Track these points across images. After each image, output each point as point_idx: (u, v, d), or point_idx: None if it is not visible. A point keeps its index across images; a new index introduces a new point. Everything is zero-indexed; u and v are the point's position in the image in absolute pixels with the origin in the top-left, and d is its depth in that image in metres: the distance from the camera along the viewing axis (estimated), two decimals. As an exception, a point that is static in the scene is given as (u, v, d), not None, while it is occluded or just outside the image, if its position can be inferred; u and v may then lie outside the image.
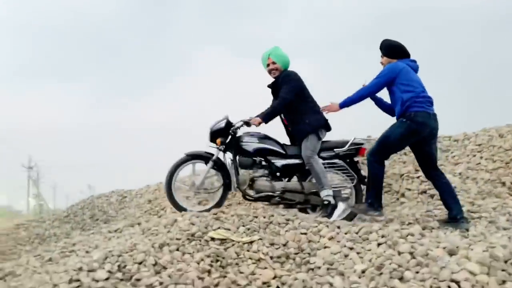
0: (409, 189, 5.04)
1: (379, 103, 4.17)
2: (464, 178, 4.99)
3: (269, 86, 4.35)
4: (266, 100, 4.41)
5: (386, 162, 4.11)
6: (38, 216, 8.86)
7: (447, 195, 3.78)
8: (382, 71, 3.90)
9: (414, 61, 4.00)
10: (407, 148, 5.90)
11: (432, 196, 4.78)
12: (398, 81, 3.78)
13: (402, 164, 5.56)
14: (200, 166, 4.33)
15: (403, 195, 5.05)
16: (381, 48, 4.02)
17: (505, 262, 2.62)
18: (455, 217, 3.68)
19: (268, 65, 4.19)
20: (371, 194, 3.87)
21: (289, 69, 4.26)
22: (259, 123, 4.06)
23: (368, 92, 3.96)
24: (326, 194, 3.97)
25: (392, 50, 3.98)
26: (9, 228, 7.39)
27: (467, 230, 3.45)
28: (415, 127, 3.68)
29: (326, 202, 3.97)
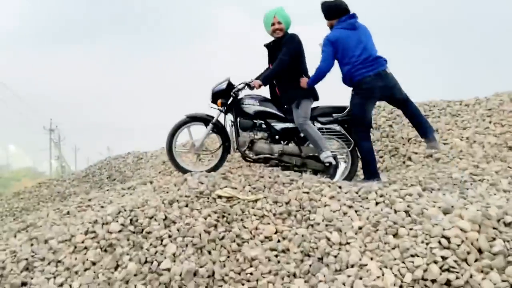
0: (416, 153, 5.10)
1: None
2: (471, 142, 5.01)
3: (267, 45, 4.33)
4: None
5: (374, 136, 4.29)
6: (59, 176, 9.25)
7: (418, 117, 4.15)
8: (323, 47, 3.97)
9: (352, 16, 4.00)
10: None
11: (437, 159, 4.84)
12: (340, 53, 3.94)
13: (410, 128, 5.58)
14: (198, 128, 4.41)
15: (409, 158, 5.12)
16: (322, 11, 4.09)
17: (498, 221, 2.71)
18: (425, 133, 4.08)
19: (273, 24, 4.13)
20: (370, 169, 4.03)
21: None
22: (260, 86, 4.11)
23: (322, 71, 4.00)
24: (326, 156, 4.03)
25: (328, 11, 4.04)
26: (32, 187, 7.77)
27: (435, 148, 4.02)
28: (365, 94, 3.93)
29: (327, 164, 4.06)
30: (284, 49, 4.05)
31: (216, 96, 4.26)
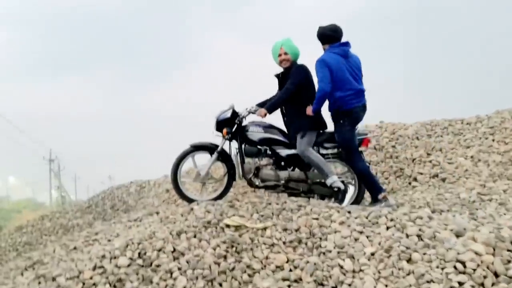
0: (421, 173, 5.09)
1: None
2: (475, 161, 5.00)
3: (276, 75, 4.39)
4: (272, 86, 4.46)
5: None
6: (61, 207, 9.19)
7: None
8: (319, 74, 3.97)
9: (345, 44, 4.07)
10: (420, 132, 5.98)
11: (443, 179, 4.82)
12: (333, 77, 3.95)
13: (414, 148, 5.60)
14: (202, 156, 4.41)
15: (415, 179, 5.10)
16: (317, 37, 4.17)
17: (511, 242, 2.68)
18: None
19: (279, 55, 4.20)
20: (375, 188, 3.99)
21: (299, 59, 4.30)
22: (265, 114, 4.13)
23: (324, 92, 3.97)
24: (332, 181, 4.00)
25: (323, 36, 4.11)
26: (34, 220, 7.70)
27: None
28: (353, 122, 4.02)
29: (336, 189, 4.03)
30: (292, 79, 4.10)
31: (221, 124, 4.27)
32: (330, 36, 4.07)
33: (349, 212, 3.45)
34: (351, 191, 4.12)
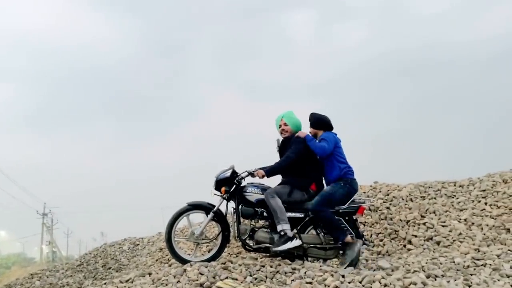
0: (415, 236, 5.09)
1: None
2: (469, 224, 5.03)
3: (279, 145, 4.61)
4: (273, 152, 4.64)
5: None
6: (51, 264, 8.97)
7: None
8: (327, 139, 4.32)
9: (336, 134, 4.49)
10: (414, 194, 6.05)
11: (438, 243, 4.82)
12: (336, 151, 4.33)
13: (408, 210, 5.64)
14: (197, 216, 4.45)
15: (410, 241, 5.09)
16: (309, 120, 4.53)
17: (505, 311, 2.67)
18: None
19: (280, 125, 4.51)
20: (340, 234, 4.07)
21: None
22: (263, 176, 4.24)
23: (321, 152, 4.28)
24: (282, 228, 4.02)
25: (318, 122, 4.50)
26: (23, 278, 7.51)
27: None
28: (352, 191, 4.29)
29: (282, 233, 4.00)
30: (293, 147, 4.30)
31: (220, 183, 4.34)
32: (325, 123, 4.50)
33: (343, 276, 3.43)
34: (295, 243, 4.04)
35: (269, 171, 4.26)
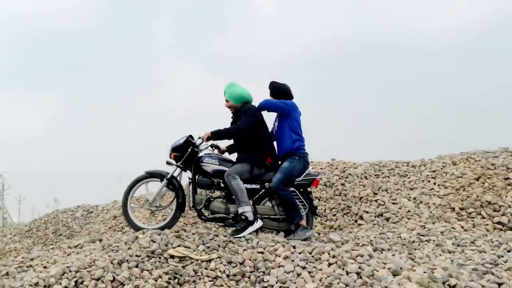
0: (367, 212, 5.26)
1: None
2: (418, 202, 5.25)
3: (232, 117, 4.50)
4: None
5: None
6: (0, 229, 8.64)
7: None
8: (284, 100, 4.30)
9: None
10: (368, 172, 6.21)
11: (387, 219, 5.01)
12: (291, 120, 4.28)
13: (362, 187, 5.80)
14: (156, 184, 4.38)
15: (361, 217, 5.26)
16: (269, 88, 4.47)
17: (443, 283, 2.82)
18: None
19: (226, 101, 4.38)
20: (296, 216, 4.12)
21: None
22: (208, 138, 4.16)
23: (267, 106, 4.30)
24: (243, 210, 4.01)
25: (278, 91, 4.42)
26: (-33, 242, 7.19)
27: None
28: (306, 165, 4.31)
29: (243, 217, 4.00)
30: (243, 118, 4.18)
31: (174, 151, 4.28)
32: (284, 92, 4.41)
33: (294, 247, 3.49)
34: (256, 225, 4.07)
35: (215, 133, 4.17)
